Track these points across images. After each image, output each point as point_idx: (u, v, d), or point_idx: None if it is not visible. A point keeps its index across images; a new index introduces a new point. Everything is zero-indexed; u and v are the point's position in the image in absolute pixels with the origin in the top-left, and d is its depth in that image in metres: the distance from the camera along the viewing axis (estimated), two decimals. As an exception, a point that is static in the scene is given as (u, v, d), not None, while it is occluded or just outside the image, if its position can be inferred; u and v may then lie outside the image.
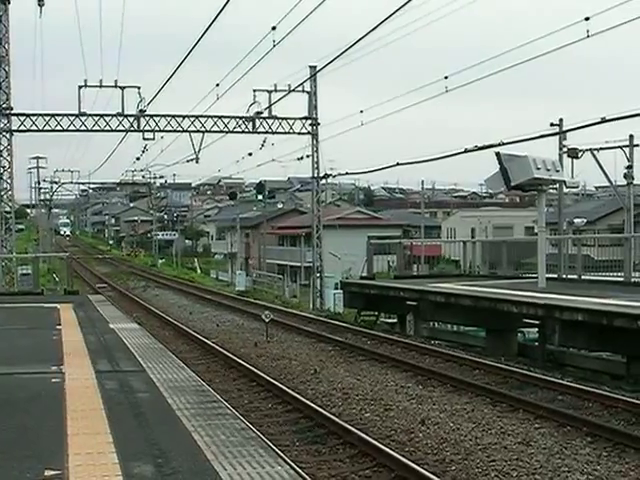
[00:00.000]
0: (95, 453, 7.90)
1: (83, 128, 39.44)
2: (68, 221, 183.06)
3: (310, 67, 39.56)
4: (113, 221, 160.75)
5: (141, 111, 39.24)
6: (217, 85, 36.36)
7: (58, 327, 19.58)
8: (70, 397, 10.76)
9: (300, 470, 9.82)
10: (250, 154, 46.31)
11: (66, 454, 7.88)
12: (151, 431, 8.88)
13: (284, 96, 39.96)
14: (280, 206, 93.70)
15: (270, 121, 41.06)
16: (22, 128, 38.96)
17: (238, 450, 8.11)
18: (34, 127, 38.87)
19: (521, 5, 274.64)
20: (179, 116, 40.34)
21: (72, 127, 39.27)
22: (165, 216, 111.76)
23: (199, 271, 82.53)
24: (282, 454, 9.80)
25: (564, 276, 29.13)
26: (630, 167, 35.25)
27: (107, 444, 8.27)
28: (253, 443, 8.49)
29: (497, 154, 24.27)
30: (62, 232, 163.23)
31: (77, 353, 15.01)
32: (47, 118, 38.90)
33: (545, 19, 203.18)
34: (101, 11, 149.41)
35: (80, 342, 16.71)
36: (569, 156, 35.15)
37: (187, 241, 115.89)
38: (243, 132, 41.23)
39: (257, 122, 40.86)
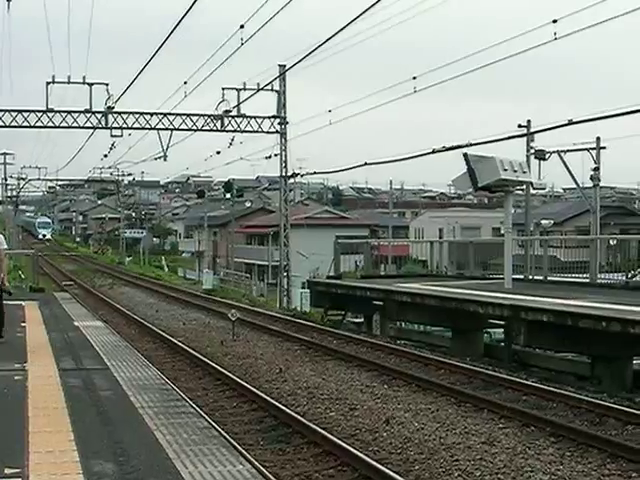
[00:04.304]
0: (56, 451, 7.86)
1: (50, 125, 39.16)
2: (49, 220, 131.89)
3: (279, 66, 39.47)
4: (81, 218, 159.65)
5: (109, 108, 38.99)
6: (185, 83, 36.16)
7: (23, 324, 19.47)
8: (32, 395, 10.69)
9: (263, 469, 9.81)
10: (218, 152, 46.17)
11: (27, 452, 7.83)
12: (113, 429, 8.85)
13: (253, 95, 39.84)
14: (248, 205, 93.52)
15: (239, 119, 40.94)
16: (-12, 124, 38.62)
17: (200, 449, 8.09)
18: (1, 123, 38.55)
19: (493, 6, 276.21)
20: (147, 113, 40.14)
21: (39, 123, 38.98)
22: (133, 214, 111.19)
23: (166, 269, 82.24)
24: (245, 453, 9.79)
25: (531, 277, 29.33)
26: (597, 169, 35.55)
27: (69, 442, 8.23)
28: (216, 442, 8.48)
29: (465, 155, 24.37)
30: (40, 236, 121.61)
31: (41, 351, 14.93)
32: (14, 114, 38.57)
33: (514, 21, 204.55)
34: (70, 6, 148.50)
35: (44, 340, 16.64)
36: (536, 157, 35.38)
37: (155, 239, 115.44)
38: (211, 130, 41.09)
39: (226, 120, 40.72)
